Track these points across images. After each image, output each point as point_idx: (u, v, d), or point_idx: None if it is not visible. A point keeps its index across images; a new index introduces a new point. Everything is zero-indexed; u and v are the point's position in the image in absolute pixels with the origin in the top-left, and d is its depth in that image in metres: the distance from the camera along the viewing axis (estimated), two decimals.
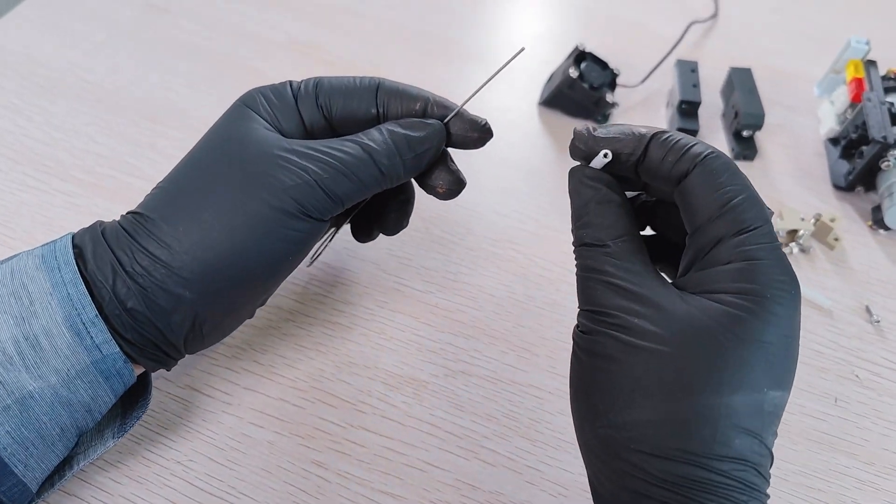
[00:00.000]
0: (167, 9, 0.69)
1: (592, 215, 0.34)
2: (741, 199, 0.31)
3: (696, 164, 0.32)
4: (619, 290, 0.31)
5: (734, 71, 0.63)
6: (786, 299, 0.30)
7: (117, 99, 0.61)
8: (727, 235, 0.31)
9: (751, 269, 0.30)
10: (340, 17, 0.70)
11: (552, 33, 0.71)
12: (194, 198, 0.37)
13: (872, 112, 0.55)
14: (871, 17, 0.77)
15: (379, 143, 0.38)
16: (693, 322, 0.30)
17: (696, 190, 0.32)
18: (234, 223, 0.36)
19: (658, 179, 0.33)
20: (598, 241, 0.33)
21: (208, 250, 0.36)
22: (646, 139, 0.33)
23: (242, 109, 0.39)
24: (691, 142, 0.33)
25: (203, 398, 0.45)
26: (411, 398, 0.46)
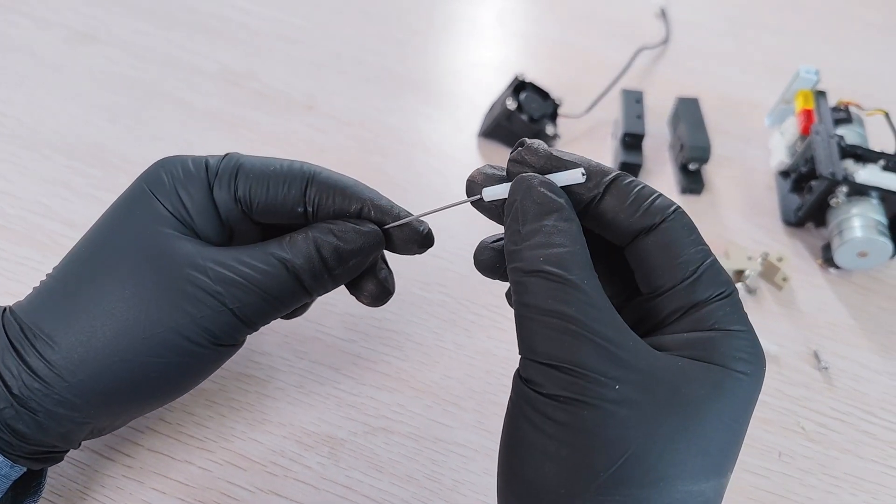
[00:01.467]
0: (94, 37, 0.66)
1: (556, 234, 0.28)
2: (710, 263, 0.29)
3: (666, 218, 0.29)
4: (595, 344, 0.26)
5: (681, 101, 0.60)
6: (756, 375, 0.28)
7: (34, 133, 0.58)
8: (702, 300, 0.28)
9: (729, 338, 0.27)
10: (275, 45, 0.67)
11: (495, 60, 0.69)
12: (88, 309, 0.33)
13: (821, 146, 0.53)
14: (825, 42, 0.75)
15: (304, 256, 0.34)
16: (681, 392, 0.26)
17: (662, 248, 0.29)
18: (134, 347, 0.32)
19: (611, 226, 0.30)
20: (558, 273, 0.27)
21: (103, 377, 0.32)
22: (609, 176, 0.29)
23: (146, 197, 0.34)
24: (655, 192, 0.29)
25: (103, 461, 0.42)
26: (327, 458, 0.43)
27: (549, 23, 0.74)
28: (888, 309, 0.53)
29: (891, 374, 0.49)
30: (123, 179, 0.54)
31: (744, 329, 0.28)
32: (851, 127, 0.56)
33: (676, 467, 0.26)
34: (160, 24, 0.68)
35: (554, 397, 0.26)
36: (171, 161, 0.36)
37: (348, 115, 0.62)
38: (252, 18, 0.70)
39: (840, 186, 0.51)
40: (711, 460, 0.27)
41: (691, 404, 0.26)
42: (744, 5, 0.78)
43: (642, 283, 0.30)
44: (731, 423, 0.27)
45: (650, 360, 0.27)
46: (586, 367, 0.26)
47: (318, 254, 0.34)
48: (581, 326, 0.26)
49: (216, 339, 0.33)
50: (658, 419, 0.26)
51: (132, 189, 0.36)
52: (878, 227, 0.51)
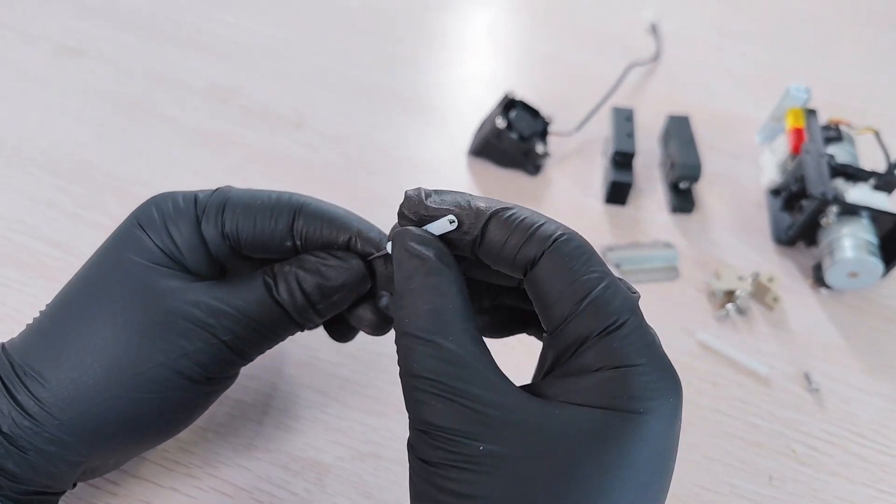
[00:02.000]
0: (81, 51, 0.65)
1: (422, 292, 0.27)
2: (602, 289, 0.26)
3: (546, 249, 0.27)
4: (458, 406, 0.25)
5: (671, 119, 0.60)
6: (664, 410, 0.26)
7: (18, 150, 0.57)
8: (592, 335, 0.26)
9: (624, 377, 0.25)
10: (263, 61, 0.67)
11: (486, 75, 0.69)
12: (78, 347, 0.33)
13: (811, 165, 0.53)
14: (816, 57, 0.75)
15: (287, 292, 0.34)
16: (556, 443, 0.25)
17: (548, 280, 0.27)
18: (126, 384, 0.32)
19: (501, 264, 0.28)
20: (426, 334, 0.26)
21: (95, 414, 0.32)
22: (485, 216, 0.28)
23: (136, 234, 0.34)
24: (539, 220, 0.28)
25: (87, 489, 0.41)
26: (313, 485, 0.42)
27: (539, 37, 0.74)
28: (879, 329, 0.52)
29: (882, 395, 0.49)
30: (109, 197, 0.54)
31: (642, 362, 0.26)
32: (842, 145, 0.56)
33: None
34: (147, 39, 0.67)
35: (429, 462, 0.26)
36: (163, 197, 0.36)
37: (336, 131, 0.61)
38: (239, 33, 0.69)
39: (831, 206, 0.51)
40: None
41: (577, 456, 0.25)
42: (735, 20, 0.78)
43: (541, 317, 0.28)
44: (641, 464, 0.25)
45: (525, 414, 0.25)
46: (451, 430, 0.25)
47: (301, 289, 0.34)
48: (444, 390, 0.25)
49: (209, 373, 0.33)
50: (532, 473, 0.25)
51: (124, 226, 0.36)
52: (869, 246, 0.51)
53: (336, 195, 0.56)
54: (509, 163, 0.59)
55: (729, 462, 0.45)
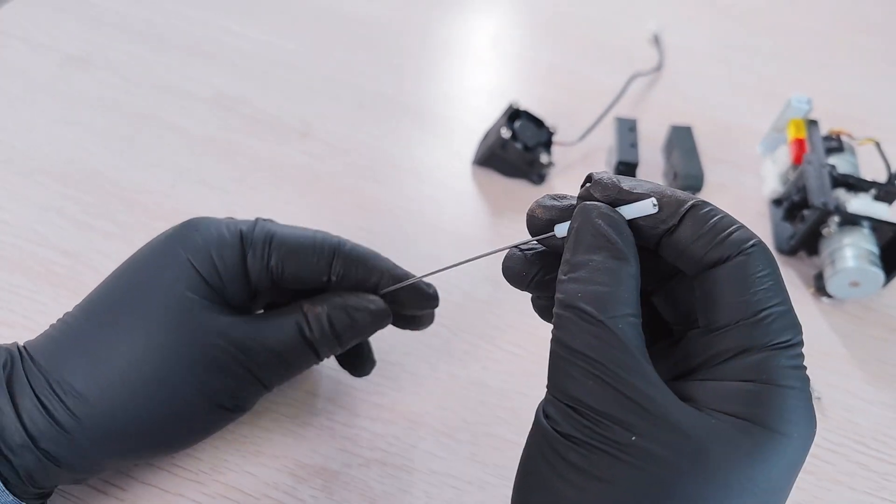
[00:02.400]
0: (89, 61, 0.66)
1: (601, 272, 0.27)
2: (783, 309, 0.26)
3: (737, 252, 0.26)
4: (617, 392, 0.25)
5: (674, 129, 0.61)
6: (803, 438, 0.25)
7: (27, 159, 0.57)
8: (755, 347, 0.26)
9: (778, 398, 0.25)
10: (269, 70, 0.68)
11: (490, 85, 0.69)
12: (117, 365, 0.34)
13: (812, 176, 0.53)
14: (818, 68, 0.76)
15: (320, 331, 0.38)
16: (703, 450, 0.24)
17: (729, 283, 0.26)
18: (159, 406, 0.35)
19: (683, 258, 0.28)
20: (598, 313, 0.26)
21: (126, 432, 0.34)
22: (685, 205, 0.27)
23: (179, 259, 0.36)
24: (734, 224, 0.27)
25: (95, 494, 0.41)
26: (320, 491, 0.42)
27: (543, 48, 0.74)
28: (881, 338, 0.53)
29: (883, 403, 0.49)
30: (117, 206, 0.55)
31: (798, 386, 0.26)
32: (843, 156, 0.57)
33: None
34: (154, 49, 0.68)
35: (569, 437, 0.26)
36: (206, 224, 0.38)
37: (342, 141, 0.62)
38: (246, 43, 0.70)
39: (832, 216, 0.52)
40: None
41: (718, 466, 0.24)
42: (737, 31, 0.79)
43: (701, 315, 0.28)
44: (766, 488, 0.25)
45: (678, 415, 0.25)
46: (604, 413, 0.25)
47: (332, 328, 0.38)
48: (604, 373, 0.25)
49: (238, 402, 0.37)
50: (677, 476, 0.24)
51: (164, 246, 0.37)
52: (870, 256, 0.51)
53: (342, 204, 0.57)
54: (514, 172, 0.59)
55: None
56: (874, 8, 0.84)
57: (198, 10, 0.73)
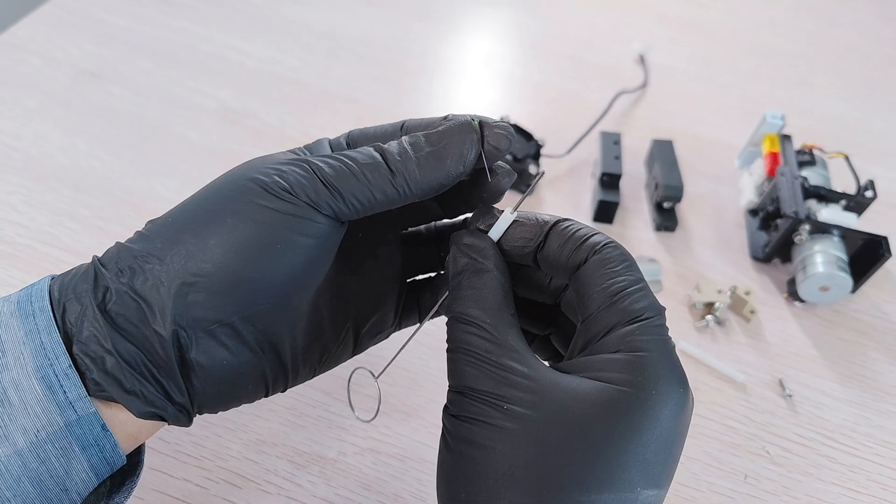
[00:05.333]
0: (100, 75, 0.69)
1: (465, 287, 0.32)
2: (634, 290, 0.30)
3: (593, 252, 0.31)
4: (488, 371, 0.30)
5: (656, 143, 0.64)
6: (672, 398, 0.29)
7: (42, 167, 0.60)
8: (618, 324, 0.30)
9: (638, 361, 0.29)
10: (272, 85, 0.71)
11: (483, 101, 0.73)
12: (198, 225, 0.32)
13: (785, 187, 0.56)
14: (794, 87, 0.79)
15: (396, 149, 0.34)
16: (568, 408, 0.28)
17: (590, 278, 0.31)
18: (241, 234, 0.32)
19: (555, 268, 0.33)
20: (468, 316, 0.31)
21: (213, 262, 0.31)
22: (547, 226, 0.33)
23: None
24: (590, 232, 0.32)
25: None
26: (318, 477, 0.45)
27: (534, 67, 0.78)
28: (849, 340, 0.56)
29: (851, 401, 0.52)
30: (127, 211, 0.57)
31: (662, 351, 0.29)
32: (815, 169, 0.60)
33: (568, 477, 0.28)
34: (163, 64, 0.71)
35: (458, 416, 0.30)
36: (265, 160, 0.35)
37: None
38: (250, 59, 0.73)
39: (803, 225, 0.55)
40: (606, 475, 0.28)
41: (582, 421, 0.28)
42: (718, 52, 0.83)
43: (579, 311, 0.32)
44: (624, 440, 0.28)
45: (547, 382, 0.29)
46: (478, 390, 0.29)
47: (408, 145, 0.34)
48: (477, 357, 0.30)
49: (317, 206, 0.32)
50: (547, 432, 0.28)
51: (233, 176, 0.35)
52: (839, 262, 0.54)
53: None
54: None
55: (707, 462, 0.48)
56: (847, 31, 0.88)
57: (204, 27, 0.76)
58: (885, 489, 0.48)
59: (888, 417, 0.51)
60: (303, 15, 0.79)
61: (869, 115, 0.76)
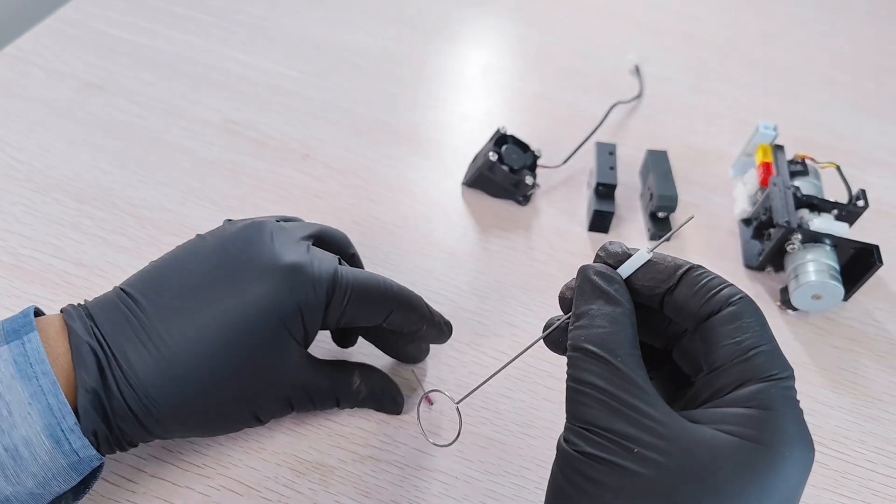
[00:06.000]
0: (103, 87, 0.70)
1: (598, 318, 0.32)
2: (769, 348, 0.31)
3: (728, 304, 0.31)
4: (619, 413, 0.29)
5: (650, 153, 0.65)
6: (801, 459, 0.29)
7: (46, 178, 0.61)
8: (750, 380, 0.30)
9: (770, 418, 0.29)
10: (273, 97, 0.72)
11: (479, 112, 0.74)
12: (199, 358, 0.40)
13: (777, 197, 0.57)
14: (787, 97, 0.80)
15: (353, 399, 0.48)
16: (699, 458, 0.28)
17: (723, 329, 0.31)
18: (216, 410, 0.42)
19: (682, 314, 0.33)
20: (599, 350, 0.31)
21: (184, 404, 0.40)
22: (681, 270, 0.33)
23: (281, 333, 0.42)
24: (724, 283, 0.32)
25: (108, 486, 0.45)
26: (318, 484, 0.46)
27: (530, 78, 0.79)
28: (841, 348, 0.56)
29: (843, 408, 0.53)
30: (130, 222, 0.58)
31: (790, 412, 0.29)
32: (808, 179, 0.61)
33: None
34: (165, 76, 0.72)
35: (587, 455, 0.30)
36: (302, 284, 0.42)
37: (341, 164, 0.66)
38: (251, 71, 0.74)
39: (795, 234, 0.56)
40: None
41: (712, 474, 0.28)
42: (712, 63, 0.84)
43: (704, 361, 0.32)
44: (754, 498, 0.28)
45: (678, 429, 0.29)
46: (612, 430, 0.29)
47: (361, 401, 0.48)
48: (609, 397, 0.30)
49: (266, 420, 0.44)
50: (678, 481, 0.28)
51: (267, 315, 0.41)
52: (831, 271, 0.55)
53: (341, 222, 0.60)
54: (500, 193, 0.63)
55: None
56: (839, 42, 0.89)
57: (206, 40, 0.77)
58: (877, 495, 0.48)
59: (880, 424, 0.52)
60: (303, 27, 0.81)
61: (861, 125, 0.77)
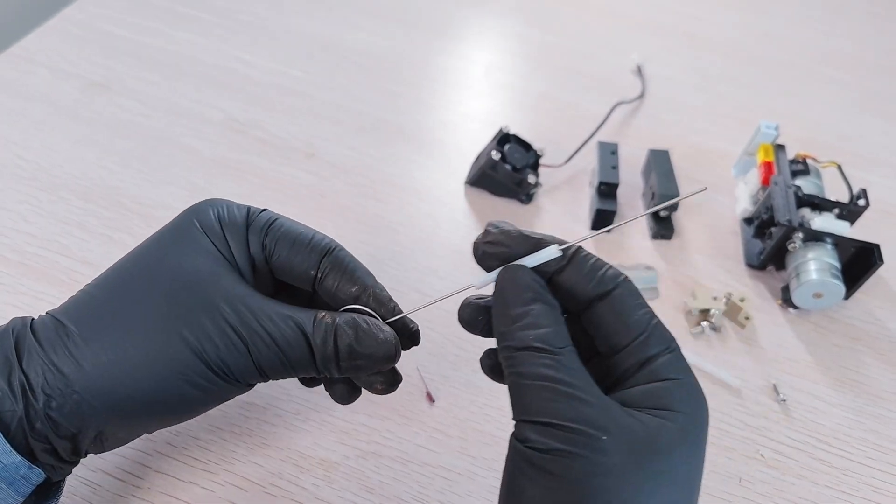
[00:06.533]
0: (108, 87, 0.71)
1: (540, 317, 0.32)
2: (656, 324, 0.33)
3: (615, 287, 0.33)
4: (584, 404, 0.30)
5: (652, 153, 0.65)
6: (700, 413, 0.32)
7: (52, 177, 0.62)
8: (648, 359, 0.32)
9: (678, 387, 0.32)
10: (277, 96, 0.72)
11: (483, 111, 0.74)
12: (121, 321, 0.36)
13: (779, 196, 0.58)
14: (789, 96, 0.80)
15: (322, 339, 0.36)
16: (646, 441, 0.30)
17: (616, 314, 0.33)
18: (156, 364, 0.35)
19: (570, 295, 0.34)
20: (549, 346, 0.31)
21: (123, 384, 0.35)
22: (571, 250, 0.34)
23: (194, 230, 0.38)
24: (606, 264, 0.34)
25: (113, 482, 0.45)
26: (321, 480, 0.46)
27: (533, 77, 0.79)
28: (842, 346, 0.57)
29: (843, 406, 0.53)
30: (136, 221, 0.59)
31: (686, 377, 0.33)
32: (809, 178, 0.61)
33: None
34: (169, 76, 0.73)
35: (549, 451, 0.30)
36: (219, 202, 0.39)
37: (345, 163, 0.66)
38: (256, 71, 0.75)
39: (797, 233, 0.56)
40: (684, 495, 0.31)
41: (663, 449, 0.30)
42: (714, 62, 0.84)
43: (600, 344, 0.34)
44: (692, 460, 0.32)
45: (623, 416, 0.31)
46: (578, 422, 0.29)
47: (335, 343, 0.36)
48: (570, 388, 0.30)
49: (232, 376, 0.36)
50: (639, 466, 0.29)
51: (181, 221, 0.39)
52: (832, 270, 0.55)
53: (346, 220, 0.61)
54: (503, 192, 0.64)
55: None
56: (841, 42, 0.89)
57: (210, 40, 0.78)
58: (877, 492, 0.49)
59: (880, 422, 0.52)
60: (307, 27, 0.81)
61: (862, 124, 0.78)
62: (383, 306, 0.39)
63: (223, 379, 0.36)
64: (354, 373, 0.38)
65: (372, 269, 0.43)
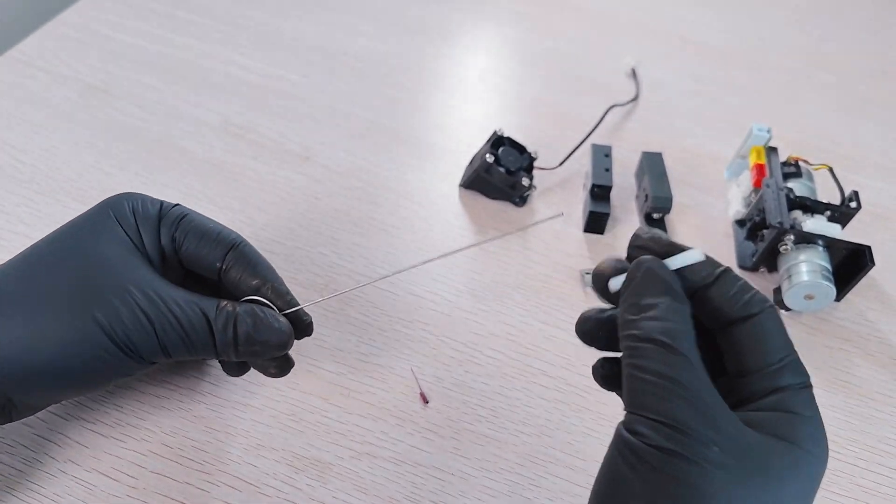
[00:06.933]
0: (106, 90, 0.71)
1: (669, 312, 0.32)
2: (794, 357, 0.33)
3: (761, 311, 0.33)
4: (700, 410, 0.30)
5: (645, 155, 0.66)
6: (822, 457, 0.32)
7: (49, 180, 0.62)
8: (779, 389, 0.32)
9: (806, 422, 0.32)
10: (274, 100, 0.73)
11: (477, 115, 0.74)
12: (33, 297, 0.38)
13: (770, 198, 0.58)
14: (781, 100, 0.81)
15: (223, 325, 0.41)
16: (760, 463, 0.30)
17: (755, 337, 0.33)
18: (66, 339, 0.38)
19: (713, 312, 0.34)
20: (674, 343, 0.31)
21: (32, 356, 0.38)
22: (720, 268, 0.34)
23: (108, 220, 0.41)
24: (754, 289, 0.34)
25: (109, 482, 0.45)
26: (315, 480, 0.46)
27: (527, 81, 0.80)
28: (834, 347, 0.57)
29: (835, 407, 0.53)
30: None
31: (816, 416, 0.32)
32: (801, 180, 0.62)
33: None
34: (167, 80, 0.73)
35: (659, 448, 0.30)
36: (134, 196, 0.43)
37: (341, 166, 0.67)
38: (252, 75, 0.75)
39: (788, 235, 0.56)
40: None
41: (774, 476, 0.30)
42: (707, 66, 0.84)
43: (731, 363, 0.34)
44: (800, 500, 0.31)
45: (741, 431, 0.30)
46: (690, 427, 0.29)
47: (234, 329, 0.41)
48: (687, 392, 0.30)
49: (137, 354, 0.39)
50: (745, 485, 0.29)
51: (96, 212, 0.42)
52: (823, 272, 0.56)
53: (340, 223, 0.61)
54: (497, 194, 0.64)
55: None
56: (833, 46, 0.90)
57: (207, 44, 0.78)
58: (867, 492, 0.49)
59: (871, 423, 0.53)
60: (303, 32, 0.81)
61: (853, 127, 0.78)
62: (281, 298, 0.43)
63: (129, 356, 0.39)
64: (250, 357, 0.42)
65: (366, 271, 0.44)
